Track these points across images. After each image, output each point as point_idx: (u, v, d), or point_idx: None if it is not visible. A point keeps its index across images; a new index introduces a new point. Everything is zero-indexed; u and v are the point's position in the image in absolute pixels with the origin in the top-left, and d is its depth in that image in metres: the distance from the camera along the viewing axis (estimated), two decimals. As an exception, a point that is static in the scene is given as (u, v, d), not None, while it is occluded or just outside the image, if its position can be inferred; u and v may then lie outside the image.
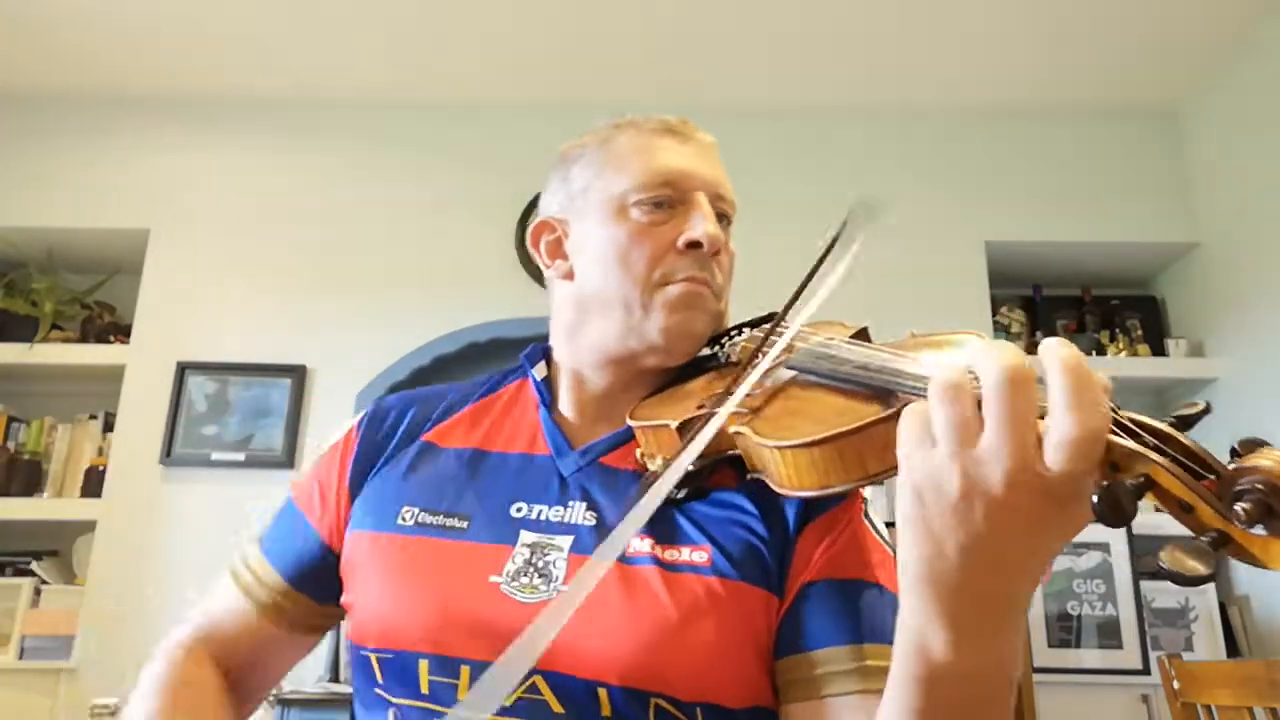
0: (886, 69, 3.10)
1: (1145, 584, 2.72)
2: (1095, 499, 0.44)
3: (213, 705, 0.84)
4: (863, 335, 0.80)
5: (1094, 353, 3.09)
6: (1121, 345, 3.12)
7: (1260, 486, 0.42)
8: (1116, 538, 2.74)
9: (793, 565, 0.76)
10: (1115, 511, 0.44)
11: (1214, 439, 0.45)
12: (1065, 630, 2.69)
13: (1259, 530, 0.42)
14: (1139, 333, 3.14)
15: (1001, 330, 3.15)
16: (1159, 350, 3.09)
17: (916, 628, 0.54)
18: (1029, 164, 3.20)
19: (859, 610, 0.73)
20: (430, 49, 3.03)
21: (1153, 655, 2.61)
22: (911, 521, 0.50)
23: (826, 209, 3.68)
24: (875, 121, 3.25)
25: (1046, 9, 2.80)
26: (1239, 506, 0.42)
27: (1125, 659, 2.65)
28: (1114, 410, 0.48)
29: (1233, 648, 2.70)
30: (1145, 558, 2.82)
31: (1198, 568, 0.42)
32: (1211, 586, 2.73)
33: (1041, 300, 3.27)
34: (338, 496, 0.89)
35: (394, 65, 3.12)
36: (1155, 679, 2.53)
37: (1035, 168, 3.20)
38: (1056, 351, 0.46)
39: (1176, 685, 1.76)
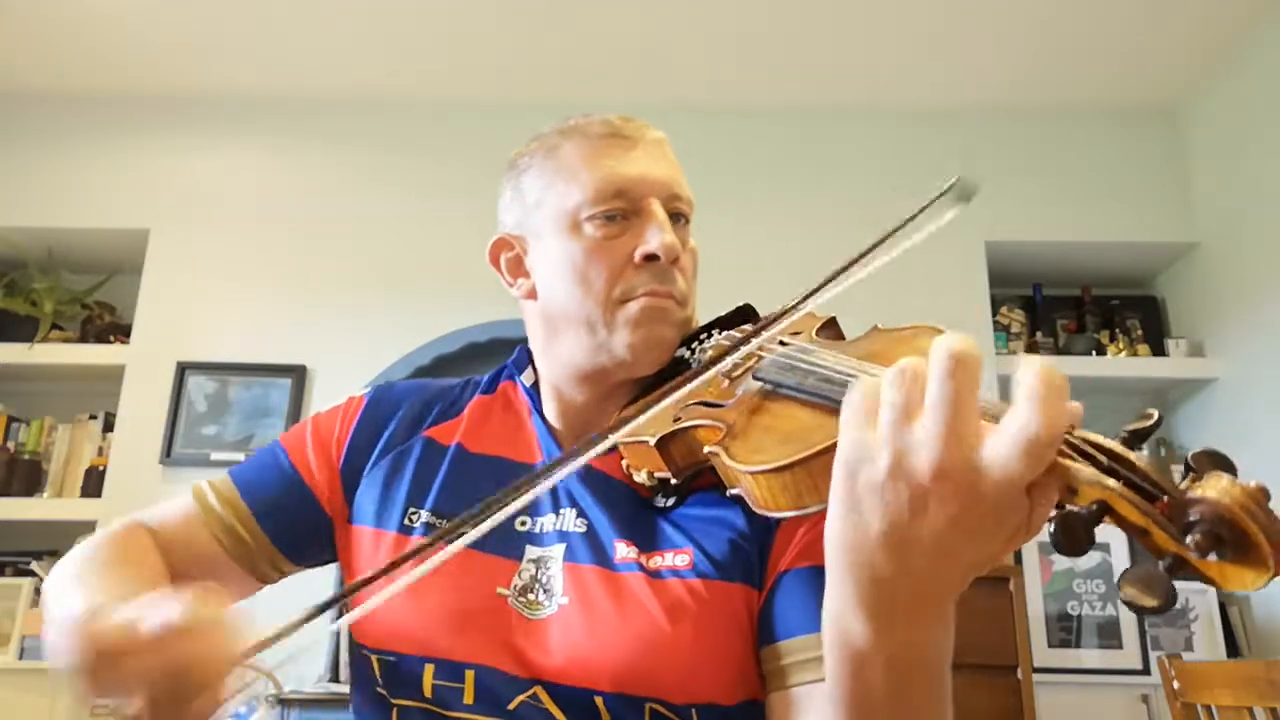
0: (886, 69, 3.10)
1: (1145, 584, 2.72)
2: (1051, 527, 0.44)
3: (152, 568, 0.81)
4: (831, 325, 0.79)
5: (1094, 353, 3.09)
6: (1121, 345, 3.11)
7: (1208, 517, 0.42)
8: (1116, 537, 2.74)
9: (772, 555, 0.77)
10: (1071, 540, 0.44)
11: (1214, 439, 0.45)
12: (1065, 630, 2.69)
13: (1212, 558, 0.43)
14: (1139, 333, 3.14)
15: (1001, 330, 3.15)
16: (1159, 350, 3.09)
17: (837, 612, 0.54)
18: (1029, 164, 3.20)
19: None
20: (431, 49, 3.04)
21: (1153, 655, 2.62)
22: (840, 499, 0.50)
23: (826, 209, 3.67)
24: (875, 121, 3.24)
25: (1046, 9, 2.80)
26: (1190, 539, 0.42)
27: (1125, 659, 2.65)
28: (1068, 432, 0.47)
29: (1233, 648, 2.70)
30: (1145, 557, 2.82)
31: (1151, 601, 0.42)
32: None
33: (1041, 300, 3.27)
34: (336, 452, 0.89)
35: (394, 65, 3.12)
36: (1155, 679, 2.53)
37: (1035, 168, 3.19)
38: (1035, 358, 0.46)
39: (1176, 685, 1.76)
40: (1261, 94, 2.83)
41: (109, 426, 2.99)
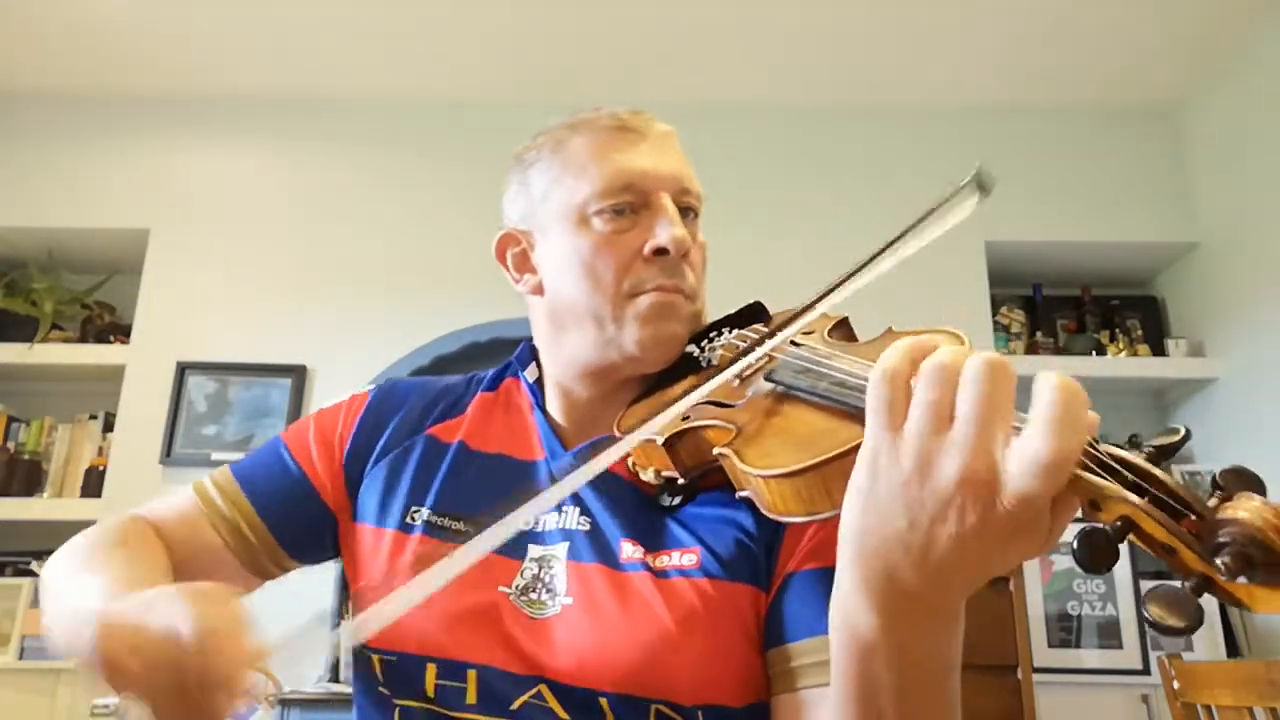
0: (887, 69, 3.10)
1: (1145, 584, 2.72)
2: (1074, 544, 0.43)
3: (156, 558, 0.80)
4: (843, 325, 0.79)
5: (1094, 353, 3.09)
6: (1121, 345, 3.11)
7: (1239, 539, 0.41)
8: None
9: (779, 556, 0.76)
10: (1094, 556, 0.43)
11: (1215, 439, 0.45)
12: (1065, 630, 2.69)
13: (1241, 580, 0.42)
14: (1139, 333, 3.14)
15: (1001, 330, 3.15)
16: (1159, 350, 3.09)
17: (846, 606, 0.54)
18: (1029, 164, 3.20)
19: None
20: (430, 49, 3.04)
21: (1153, 655, 2.61)
22: (861, 491, 0.50)
23: (827, 209, 3.66)
24: (875, 121, 3.24)
25: (1047, 9, 2.80)
26: (1219, 561, 0.42)
27: (1125, 659, 2.65)
28: (1093, 445, 0.47)
29: (1233, 648, 2.69)
30: (1146, 557, 2.82)
31: (1178, 622, 0.42)
32: (1211, 586, 2.73)
33: (1041, 300, 3.27)
34: (339, 449, 0.89)
35: (393, 65, 3.12)
36: (1155, 679, 2.53)
37: (1035, 168, 3.19)
38: (1055, 375, 0.45)
39: (1176, 685, 1.76)
40: (1261, 94, 2.83)
41: (109, 426, 2.99)
